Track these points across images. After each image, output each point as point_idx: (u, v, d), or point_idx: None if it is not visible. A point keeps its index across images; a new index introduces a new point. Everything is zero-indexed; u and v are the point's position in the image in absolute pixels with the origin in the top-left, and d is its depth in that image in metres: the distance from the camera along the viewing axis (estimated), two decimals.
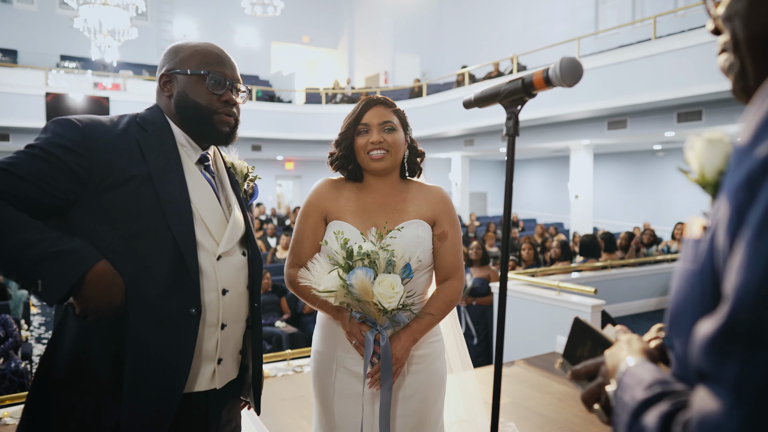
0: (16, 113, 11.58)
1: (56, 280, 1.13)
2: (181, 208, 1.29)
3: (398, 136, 1.70)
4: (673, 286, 0.64)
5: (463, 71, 12.94)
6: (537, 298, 5.02)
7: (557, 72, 0.94)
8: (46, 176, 1.18)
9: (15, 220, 1.13)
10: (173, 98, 1.39)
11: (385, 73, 18.41)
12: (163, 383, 1.26)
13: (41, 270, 1.13)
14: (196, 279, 1.29)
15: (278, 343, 6.17)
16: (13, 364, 4.88)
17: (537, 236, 10.53)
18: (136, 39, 11.82)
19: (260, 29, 18.77)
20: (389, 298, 1.46)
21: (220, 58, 1.41)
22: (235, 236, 1.42)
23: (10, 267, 1.14)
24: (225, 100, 1.39)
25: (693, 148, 0.65)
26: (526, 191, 19.93)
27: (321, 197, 1.74)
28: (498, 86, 1.03)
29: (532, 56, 12.44)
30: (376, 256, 1.49)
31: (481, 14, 17.32)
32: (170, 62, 1.39)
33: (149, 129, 1.34)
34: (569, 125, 11.13)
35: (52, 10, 15.89)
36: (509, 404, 3.60)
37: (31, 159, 1.19)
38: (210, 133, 1.40)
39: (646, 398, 0.59)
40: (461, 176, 15.19)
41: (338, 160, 1.74)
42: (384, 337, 1.55)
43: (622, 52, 9.05)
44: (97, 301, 1.17)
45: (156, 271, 1.26)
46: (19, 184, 1.16)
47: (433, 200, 1.74)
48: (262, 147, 15.15)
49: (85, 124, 1.25)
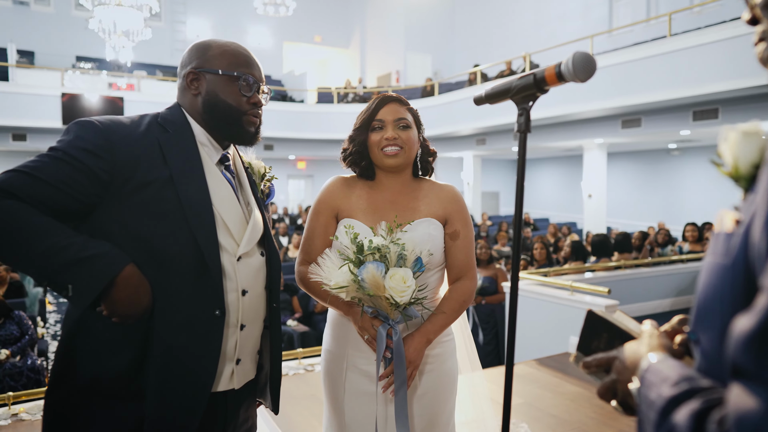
0: (32, 113, 11.72)
1: (86, 284, 1.14)
2: (202, 210, 1.29)
3: (412, 134, 1.70)
4: (701, 280, 0.62)
5: (475, 70, 12.88)
6: (549, 298, 4.98)
7: (570, 67, 0.93)
8: (70, 180, 1.19)
9: (44, 226, 1.14)
10: (201, 96, 1.38)
11: (396, 72, 18.39)
12: (190, 385, 1.27)
13: (71, 274, 1.14)
14: (219, 281, 1.30)
15: (290, 341, 6.19)
16: (30, 361, 4.95)
17: (550, 236, 10.46)
18: (149, 39, 11.93)
19: (272, 29, 18.84)
20: (401, 292, 1.45)
21: (249, 60, 1.41)
22: (255, 237, 1.42)
23: (41, 272, 1.15)
24: (253, 102, 1.40)
25: (727, 140, 0.63)
26: (539, 190, 19.82)
27: (332, 195, 1.73)
28: (509, 82, 1.02)
29: (545, 54, 12.35)
30: (386, 250, 1.48)
31: (493, 12, 17.23)
32: (198, 59, 1.39)
33: (170, 129, 1.34)
34: (582, 124, 11.03)
35: (68, 11, 16.07)
36: (521, 405, 3.57)
37: (55, 163, 1.19)
38: (237, 132, 1.41)
39: (674, 395, 0.57)
40: (473, 175, 15.14)
41: (351, 155, 1.74)
42: (396, 331, 1.54)
43: (637, 50, 8.96)
44: (125, 303, 1.18)
45: (179, 273, 1.26)
46: (44, 188, 1.17)
47: (446, 199, 1.73)
48: (274, 146, 15.20)
49: (107, 127, 1.26)
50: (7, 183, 1.14)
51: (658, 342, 0.73)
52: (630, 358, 0.73)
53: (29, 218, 1.13)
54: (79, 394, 1.24)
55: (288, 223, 13.64)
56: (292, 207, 18.10)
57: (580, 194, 13.40)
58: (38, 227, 1.13)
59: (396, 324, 1.55)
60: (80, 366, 1.24)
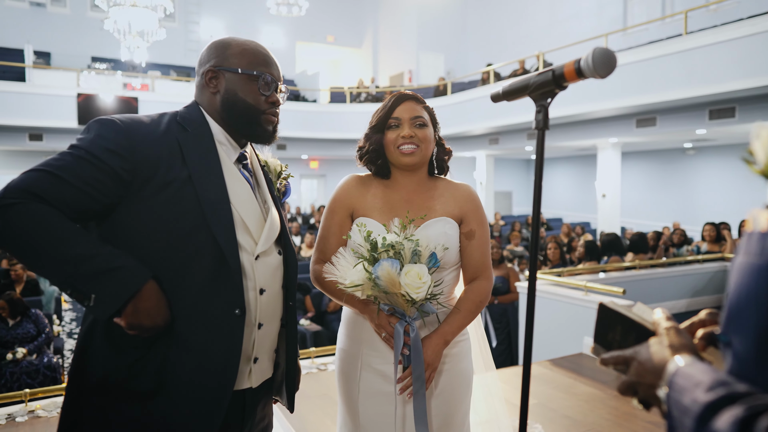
0: (48, 114, 11.86)
1: (109, 296, 1.15)
2: (221, 210, 1.29)
3: (428, 132, 1.69)
4: (733, 281, 0.61)
5: (488, 69, 12.83)
6: (563, 298, 4.94)
7: (589, 62, 0.91)
8: (93, 181, 1.19)
9: (71, 234, 1.14)
10: (220, 95, 1.38)
11: (409, 71, 18.37)
12: (212, 384, 1.27)
13: (95, 285, 1.14)
14: (239, 279, 1.30)
15: (302, 340, 6.21)
16: (46, 358, 5.01)
17: (563, 236, 10.38)
18: (164, 40, 12.02)
19: (285, 29, 18.91)
20: (417, 288, 1.45)
21: (268, 59, 1.41)
22: (273, 235, 1.42)
23: (65, 280, 1.15)
24: (272, 101, 1.40)
25: (759, 137, 0.62)
26: (553, 190, 19.69)
27: (348, 194, 1.73)
28: (527, 78, 1.01)
29: (558, 53, 12.26)
30: (401, 247, 1.48)
31: (506, 11, 17.15)
32: (217, 58, 1.39)
33: (189, 128, 1.34)
34: (596, 123, 10.94)
35: (84, 12, 16.24)
36: (535, 406, 3.55)
37: (79, 162, 1.19)
38: (255, 131, 1.41)
39: (711, 401, 0.55)
40: (486, 175, 15.08)
41: (368, 154, 1.73)
42: (414, 328, 1.54)
43: (652, 48, 8.86)
44: (142, 317, 1.18)
45: (199, 272, 1.26)
46: (68, 189, 1.17)
47: (461, 198, 1.72)
48: (287, 146, 15.25)
49: (128, 126, 1.26)
50: (34, 185, 1.14)
51: (680, 341, 0.71)
52: (653, 361, 0.70)
53: (57, 224, 1.13)
54: (96, 393, 1.24)
55: (301, 223, 13.68)
56: (305, 206, 18.16)
57: (594, 194, 13.29)
58: (65, 234, 1.14)
59: (413, 320, 1.54)
60: (97, 365, 1.24)
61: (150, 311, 1.19)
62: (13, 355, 4.84)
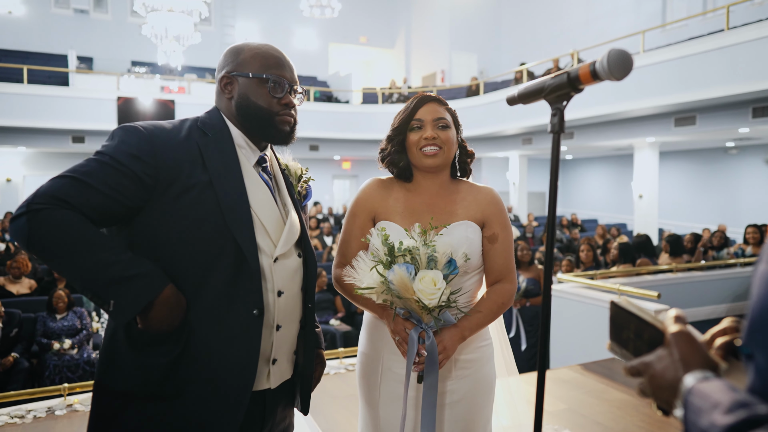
0: (90, 117, 12.27)
1: (128, 302, 1.19)
2: (241, 213, 1.31)
3: (451, 134, 1.68)
4: (755, 290, 0.58)
5: (521, 68, 12.67)
6: (595, 301, 4.84)
7: (605, 64, 0.89)
8: (118, 186, 1.22)
9: (95, 240, 1.18)
10: (234, 100, 1.41)
11: (441, 71, 18.28)
12: (232, 384, 1.29)
13: (114, 291, 1.18)
14: (258, 281, 1.32)
15: (332, 341, 6.25)
16: (86, 354, 5.19)
17: (598, 237, 10.17)
18: (200, 43, 12.27)
19: (318, 31, 19.06)
20: (430, 295, 1.43)
21: (280, 61, 1.42)
22: (292, 238, 1.44)
23: (86, 285, 1.19)
24: (285, 103, 1.41)
25: None
26: (588, 191, 19.31)
27: (369, 197, 1.73)
28: (543, 81, 0.99)
29: (593, 51, 12.02)
30: (417, 252, 1.47)
31: (541, 9, 16.89)
32: (231, 64, 1.41)
33: (209, 133, 1.37)
34: (633, 122, 10.68)
35: (125, 18, 16.71)
36: (564, 411, 3.48)
37: (104, 168, 1.22)
38: (271, 133, 1.42)
39: (731, 425, 0.52)
40: (519, 176, 14.91)
41: (389, 156, 1.72)
42: (429, 335, 1.52)
43: (692, 45, 8.60)
44: (159, 321, 1.22)
45: (219, 274, 1.29)
46: (94, 195, 1.20)
47: (483, 201, 1.70)
48: (319, 147, 15.39)
49: (150, 132, 1.29)
50: (62, 191, 1.18)
51: (691, 353, 0.67)
52: (666, 378, 0.67)
53: (80, 231, 1.17)
54: (120, 393, 1.28)
55: (333, 223, 13.77)
56: (337, 207, 18.27)
57: (631, 195, 12.98)
58: (89, 241, 1.17)
59: (429, 328, 1.53)
60: (121, 366, 1.28)
61: (165, 317, 1.22)
62: (60, 345, 5.03)
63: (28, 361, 5.10)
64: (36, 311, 5.40)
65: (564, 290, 5.19)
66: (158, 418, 1.26)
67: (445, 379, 1.63)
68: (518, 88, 1.06)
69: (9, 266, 6.26)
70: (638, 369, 0.75)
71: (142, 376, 1.26)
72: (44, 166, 14.99)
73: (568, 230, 11.74)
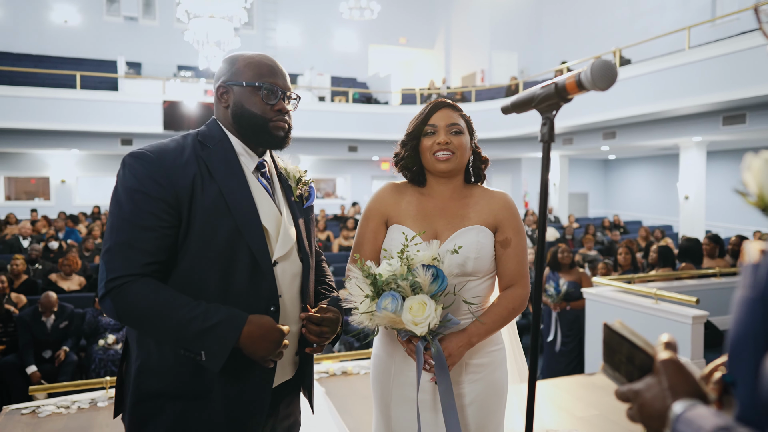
0: (138, 120, 12.76)
1: (216, 350, 1.27)
2: (249, 215, 1.39)
3: (464, 139, 1.70)
4: (733, 317, 0.58)
5: (562, 67, 12.44)
6: (632, 306, 4.73)
7: (589, 75, 0.90)
8: (156, 220, 1.30)
9: (171, 300, 1.28)
10: (230, 108, 1.47)
11: (481, 71, 18.11)
12: (255, 381, 1.38)
13: (201, 343, 1.27)
14: (271, 279, 1.39)
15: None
16: None
17: (641, 239, 9.90)
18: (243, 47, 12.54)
19: (358, 32, 19.19)
20: (420, 324, 1.43)
21: (273, 69, 1.47)
22: (288, 241, 1.49)
23: (175, 342, 1.29)
24: (278, 109, 1.46)
25: (750, 168, 0.60)
26: (631, 191, 18.77)
27: (382, 201, 1.76)
28: (533, 91, 1.01)
29: (637, 49, 11.71)
30: (396, 283, 1.46)
31: (584, 5, 16.51)
32: (226, 74, 1.48)
33: (210, 145, 1.43)
34: (678, 121, 10.34)
35: (171, 24, 17.25)
36: (596, 417, 3.43)
37: (137, 209, 1.30)
38: (266, 138, 1.48)
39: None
40: (560, 176, 14.63)
41: (403, 160, 1.76)
42: (435, 344, 1.53)
43: (742, 40, 8.26)
44: (256, 351, 1.30)
45: (238, 274, 1.37)
46: (144, 244, 1.29)
47: (496, 206, 1.70)
48: (358, 148, 15.50)
49: (158, 156, 1.36)
50: (120, 267, 1.27)
51: (679, 382, 0.67)
52: (655, 407, 0.68)
53: (155, 298, 1.27)
54: (154, 393, 1.36)
55: None
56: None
57: (676, 196, 12.56)
58: (164, 305, 1.27)
59: (434, 338, 1.52)
60: (152, 365, 1.36)
61: (257, 346, 1.30)
62: (104, 341, 5.27)
63: (76, 355, 5.35)
64: (84, 307, 5.66)
65: (600, 294, 5.09)
66: (190, 415, 1.34)
67: (456, 383, 1.65)
68: (511, 99, 1.08)
69: (61, 264, 6.60)
70: (628, 396, 0.75)
71: (173, 376, 1.34)
72: (95, 168, 15.66)
73: (610, 232, 11.45)
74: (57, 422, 3.17)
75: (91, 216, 12.75)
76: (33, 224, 10.51)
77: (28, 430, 3.06)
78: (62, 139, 13.05)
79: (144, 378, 1.36)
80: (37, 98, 12.03)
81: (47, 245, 8.45)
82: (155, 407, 1.35)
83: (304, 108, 14.26)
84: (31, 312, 5.16)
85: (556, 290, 5.90)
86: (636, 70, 10.00)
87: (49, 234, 9.49)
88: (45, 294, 5.25)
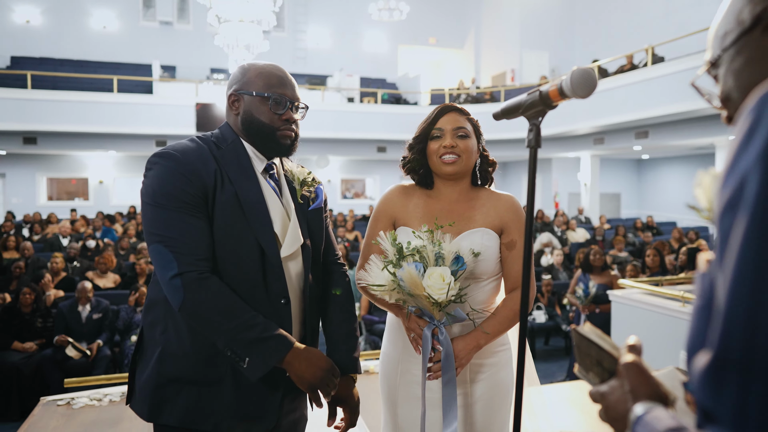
0: (171, 122, 13.10)
1: (261, 361, 1.36)
2: (259, 211, 1.46)
3: (471, 143, 1.73)
4: (689, 325, 0.61)
5: (593, 65, 12.24)
6: (659, 308, 4.64)
7: (569, 83, 0.93)
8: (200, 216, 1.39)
9: (234, 305, 1.36)
10: (240, 116, 1.54)
11: (512, 71, 17.95)
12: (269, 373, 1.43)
13: (250, 350, 1.35)
14: (281, 273, 1.46)
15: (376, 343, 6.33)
16: None
17: (674, 241, 9.67)
18: (273, 49, 12.72)
19: (388, 33, 19.24)
20: (439, 290, 1.49)
21: (282, 80, 1.54)
22: (294, 241, 1.54)
23: (227, 343, 1.36)
24: (285, 119, 1.53)
25: (701, 185, 0.62)
26: (665, 191, 18.31)
27: (390, 203, 1.80)
28: (519, 99, 1.04)
29: (671, 46, 11.41)
30: (425, 251, 1.53)
31: (616, 2, 16.17)
32: (238, 83, 1.55)
33: (223, 146, 1.51)
34: (714, 120, 10.06)
35: (205, 27, 17.54)
36: None
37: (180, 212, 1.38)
38: (273, 146, 1.55)
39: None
40: (591, 176, 14.39)
41: (410, 163, 1.80)
42: (443, 331, 1.57)
43: None
44: (301, 373, 1.39)
45: (251, 268, 1.44)
46: (196, 236, 1.38)
47: (502, 208, 1.73)
48: (387, 148, 15.54)
49: (184, 154, 1.43)
50: (184, 265, 1.35)
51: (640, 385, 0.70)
52: (617, 410, 0.71)
53: (224, 298, 1.35)
54: (172, 378, 1.44)
55: None
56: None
57: None
58: (231, 306, 1.35)
59: (441, 324, 1.58)
60: (172, 351, 1.44)
61: (302, 372, 1.39)
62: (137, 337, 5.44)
63: (110, 350, 5.54)
64: (119, 304, 5.85)
65: (627, 296, 5.01)
66: (204, 400, 1.43)
67: (461, 382, 1.68)
68: (501, 105, 1.11)
69: (97, 262, 6.83)
70: (596, 398, 0.78)
71: (190, 363, 1.43)
72: (132, 169, 16.12)
73: (642, 233, 11.21)
74: (89, 414, 3.30)
75: (127, 216, 13.13)
76: (72, 224, 10.89)
77: (63, 420, 3.20)
78: (100, 141, 13.48)
79: (165, 363, 1.44)
80: (78, 102, 12.47)
81: (85, 244, 8.76)
82: (173, 391, 1.43)
83: (333, 108, 14.38)
84: (69, 304, 5.39)
85: (585, 292, 5.84)
86: (669, 68, 9.78)
87: (87, 233, 9.82)
88: (81, 283, 5.49)
